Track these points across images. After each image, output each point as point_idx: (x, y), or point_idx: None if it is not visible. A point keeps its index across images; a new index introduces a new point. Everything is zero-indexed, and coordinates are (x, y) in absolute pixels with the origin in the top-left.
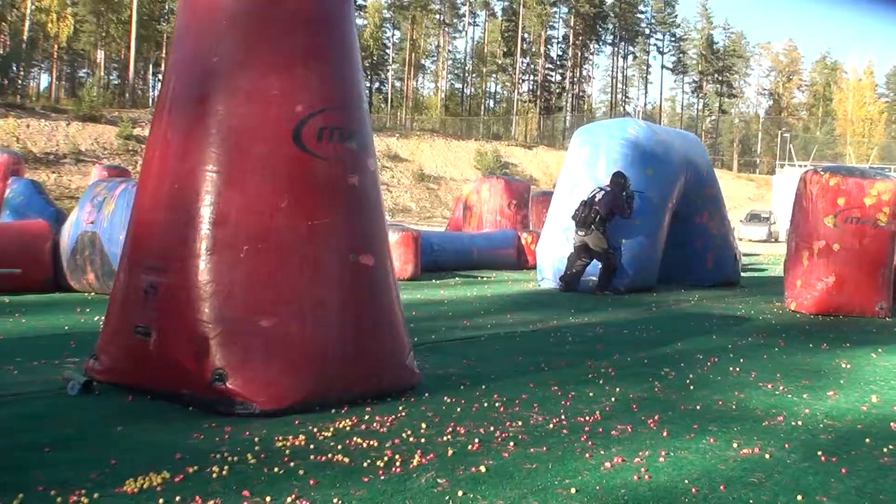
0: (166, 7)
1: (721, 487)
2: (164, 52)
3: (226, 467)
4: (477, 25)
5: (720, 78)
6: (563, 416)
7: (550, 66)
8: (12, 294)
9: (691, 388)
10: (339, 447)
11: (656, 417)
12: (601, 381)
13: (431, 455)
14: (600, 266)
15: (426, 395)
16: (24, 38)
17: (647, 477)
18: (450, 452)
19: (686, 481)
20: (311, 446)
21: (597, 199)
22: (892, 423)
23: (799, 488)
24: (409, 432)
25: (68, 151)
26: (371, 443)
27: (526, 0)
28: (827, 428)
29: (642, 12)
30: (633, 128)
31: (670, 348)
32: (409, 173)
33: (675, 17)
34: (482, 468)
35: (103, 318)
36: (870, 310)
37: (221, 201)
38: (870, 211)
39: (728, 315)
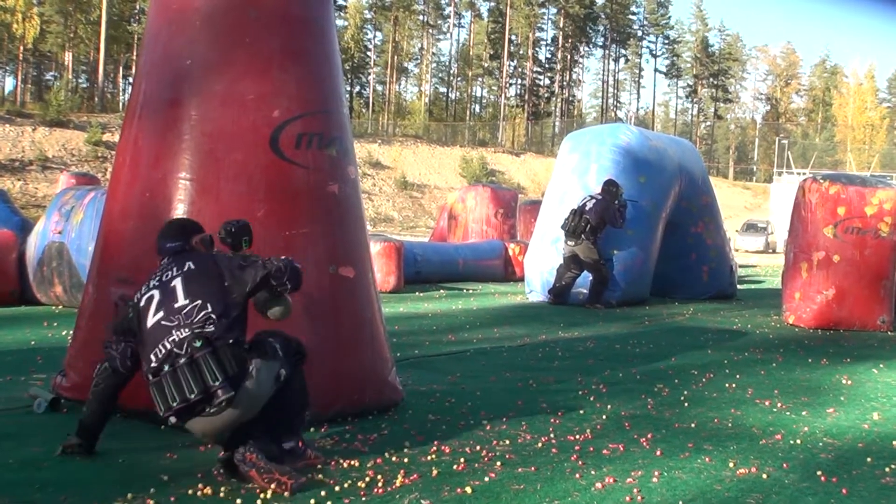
0: (137, 7)
1: None
2: (134, 53)
3: (202, 488)
4: (462, 27)
5: (715, 82)
6: (552, 435)
7: (539, 69)
8: None
9: (686, 405)
10: (319, 467)
11: (649, 436)
12: (592, 398)
13: (415, 475)
14: (591, 278)
15: (409, 412)
16: None
17: (639, 498)
18: (434, 472)
19: (680, 503)
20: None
21: (587, 208)
22: (894, 442)
23: None
24: (391, 451)
25: (34, 158)
26: (352, 462)
27: (513, 0)
28: (827, 447)
29: (634, 13)
30: (625, 134)
31: (664, 364)
32: (391, 181)
33: (669, 18)
34: (468, 489)
35: (71, 332)
36: (871, 323)
37: (195, 210)
38: (871, 221)
39: (724, 329)
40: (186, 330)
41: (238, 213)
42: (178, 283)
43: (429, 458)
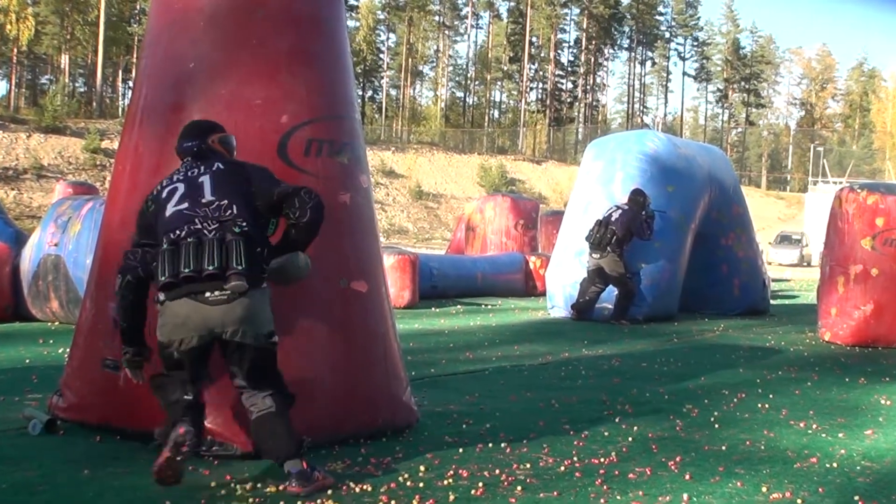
0: (137, 7)
1: None
2: (134, 56)
3: None
4: (480, 28)
5: (747, 86)
6: (575, 458)
7: (561, 72)
8: None
9: (716, 426)
10: (330, 492)
11: (678, 459)
12: (617, 419)
13: (431, 501)
14: (616, 292)
15: (425, 434)
16: None
17: None
18: (451, 498)
19: None
20: None
21: (613, 219)
22: None
23: None
24: (406, 476)
25: (29, 166)
26: (364, 487)
27: (534, 0)
28: (864, 470)
29: (662, 14)
30: (652, 141)
31: (693, 383)
32: (405, 191)
33: (698, 19)
34: None
35: (68, 350)
36: None
37: None
38: None
39: (756, 346)
40: (215, 223)
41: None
42: (206, 181)
43: (445, 482)
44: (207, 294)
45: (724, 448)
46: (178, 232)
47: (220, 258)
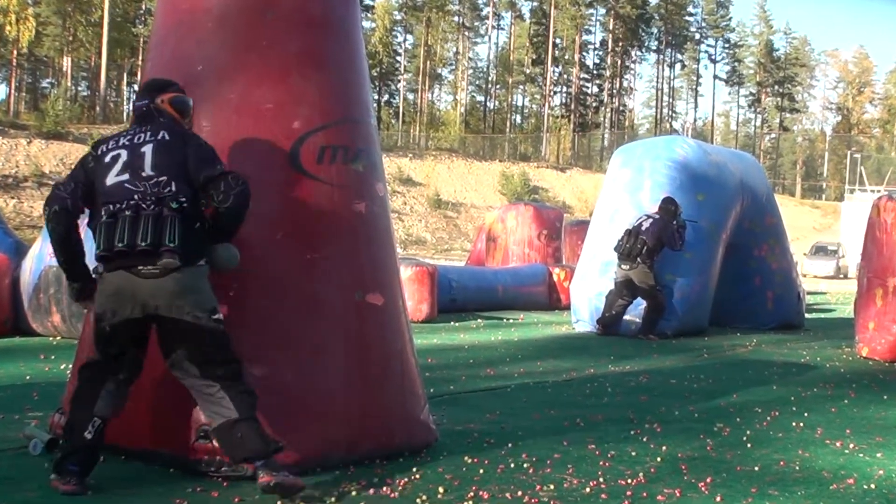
0: (142, 7)
1: None
2: (140, 58)
3: None
4: (502, 29)
5: (781, 90)
6: (601, 479)
7: (586, 75)
8: None
9: (749, 445)
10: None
11: (708, 480)
12: (645, 439)
13: None
14: (644, 306)
15: (444, 454)
16: None
17: None
18: None
19: None
20: None
21: (644, 228)
22: None
23: None
24: (424, 498)
25: (30, 174)
26: None
27: (558, 0)
28: None
29: (692, 14)
30: (682, 147)
31: (724, 400)
32: (423, 199)
33: (730, 19)
34: None
35: (71, 366)
36: None
37: None
38: None
39: (790, 362)
40: (153, 198)
41: (254, 234)
42: (147, 151)
43: None
44: (140, 267)
45: (756, 468)
46: (117, 205)
47: (153, 234)
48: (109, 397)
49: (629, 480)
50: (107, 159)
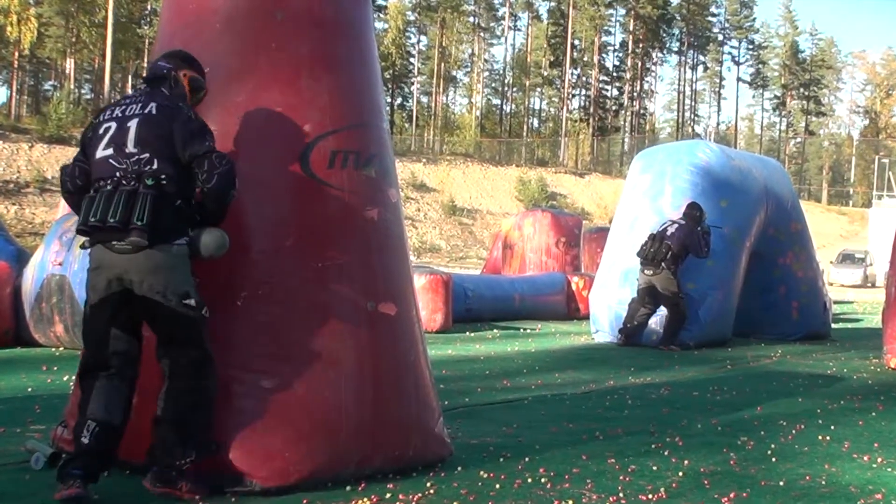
0: (148, 7)
1: None
2: (145, 60)
3: None
4: (518, 30)
5: (807, 93)
6: (621, 494)
7: (606, 78)
8: None
9: (773, 460)
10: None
11: (732, 495)
12: (666, 453)
13: None
14: (666, 315)
15: (459, 468)
16: None
17: None
18: None
19: None
20: None
21: (668, 233)
22: None
23: None
24: None
25: (32, 179)
26: None
27: (576, 1)
28: None
29: (714, 15)
30: (704, 152)
31: (748, 413)
32: (437, 206)
33: (754, 20)
34: None
35: (74, 377)
36: None
37: None
38: None
39: (816, 374)
40: (134, 175)
41: (262, 241)
42: (132, 126)
43: None
44: (114, 242)
45: (781, 483)
46: (102, 182)
47: (123, 211)
48: (102, 397)
49: (650, 496)
50: (100, 131)
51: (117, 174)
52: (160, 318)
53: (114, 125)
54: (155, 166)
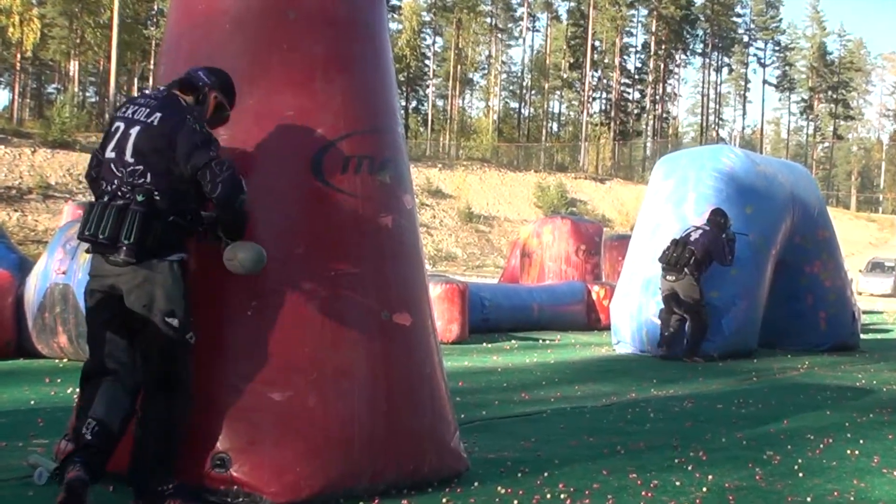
0: (155, 7)
1: None
2: (152, 62)
3: None
4: (537, 31)
5: (835, 96)
6: None
7: (627, 81)
8: None
9: (800, 475)
10: None
11: None
12: (690, 467)
13: None
14: (688, 323)
15: (475, 484)
16: None
17: None
18: None
19: None
20: None
21: (692, 239)
22: None
23: None
24: None
25: (34, 185)
26: None
27: (597, 1)
28: None
29: (739, 15)
30: (728, 157)
31: (774, 427)
32: (453, 212)
33: (780, 21)
34: None
35: (77, 389)
36: None
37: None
38: None
39: (845, 386)
40: (128, 187)
41: (273, 249)
42: (133, 134)
43: None
44: (107, 254)
45: (809, 499)
46: (105, 184)
47: (113, 228)
48: (104, 399)
49: None
50: (112, 128)
51: (115, 182)
52: (143, 332)
53: (122, 127)
54: (147, 180)
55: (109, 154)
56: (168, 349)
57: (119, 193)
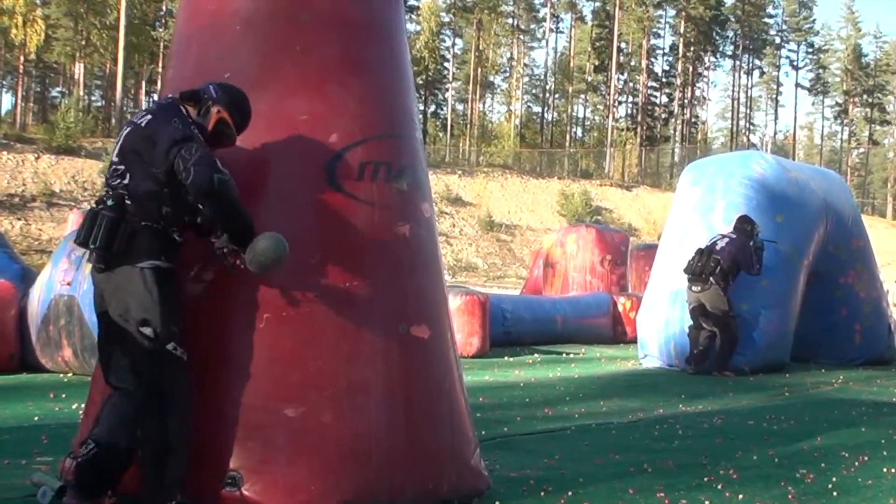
0: (163, 8)
1: None
2: (160, 65)
3: None
4: (561, 32)
5: (870, 100)
6: None
7: (654, 84)
8: None
9: (834, 494)
10: None
11: None
12: (720, 486)
13: None
14: (717, 337)
15: (497, 503)
16: None
17: None
18: None
19: None
20: None
21: (718, 248)
22: None
23: None
24: None
25: (38, 192)
26: None
27: (623, 1)
28: None
29: (771, 16)
30: (759, 164)
31: (808, 444)
32: (474, 221)
33: (813, 21)
34: None
35: (83, 405)
36: None
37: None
38: None
39: (881, 402)
40: (109, 189)
41: (288, 258)
42: (123, 134)
43: None
44: (93, 262)
45: None
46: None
47: (87, 233)
48: (108, 418)
49: None
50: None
51: (105, 183)
52: (116, 335)
53: (122, 130)
54: (126, 181)
55: (111, 157)
56: (144, 361)
57: (102, 196)
